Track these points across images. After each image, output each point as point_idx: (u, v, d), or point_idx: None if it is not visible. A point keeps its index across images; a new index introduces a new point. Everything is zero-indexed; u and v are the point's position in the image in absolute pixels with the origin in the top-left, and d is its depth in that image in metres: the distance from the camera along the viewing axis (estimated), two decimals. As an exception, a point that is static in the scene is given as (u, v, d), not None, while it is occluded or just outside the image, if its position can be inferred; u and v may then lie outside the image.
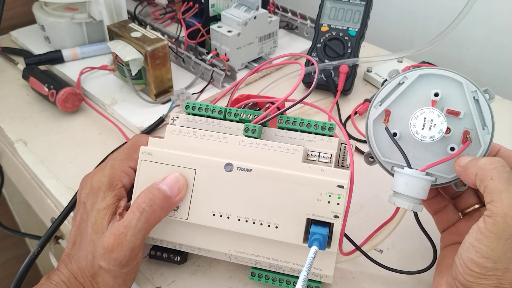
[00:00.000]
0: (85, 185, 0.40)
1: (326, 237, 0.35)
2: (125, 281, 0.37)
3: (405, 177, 0.36)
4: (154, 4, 0.83)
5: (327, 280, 0.38)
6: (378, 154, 0.38)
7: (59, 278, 0.37)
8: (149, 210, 0.36)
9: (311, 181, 0.36)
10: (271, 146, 0.38)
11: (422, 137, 0.36)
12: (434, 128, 0.35)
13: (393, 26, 0.85)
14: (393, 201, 0.37)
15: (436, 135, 0.35)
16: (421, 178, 0.36)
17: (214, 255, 0.39)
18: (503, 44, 0.72)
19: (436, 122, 0.35)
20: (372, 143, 0.38)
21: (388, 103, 0.37)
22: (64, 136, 0.58)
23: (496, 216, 0.30)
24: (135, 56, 0.57)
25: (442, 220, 0.40)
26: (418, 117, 0.36)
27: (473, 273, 0.31)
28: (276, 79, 0.60)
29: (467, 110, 0.36)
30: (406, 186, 0.36)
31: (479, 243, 0.31)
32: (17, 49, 0.74)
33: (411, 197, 0.36)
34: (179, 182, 0.37)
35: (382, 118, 0.37)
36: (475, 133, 0.36)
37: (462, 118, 0.36)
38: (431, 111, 0.35)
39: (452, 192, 0.40)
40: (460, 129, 0.36)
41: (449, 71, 0.36)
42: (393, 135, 0.37)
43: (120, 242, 0.35)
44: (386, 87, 0.38)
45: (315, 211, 0.36)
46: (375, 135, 0.38)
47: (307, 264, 0.32)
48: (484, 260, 0.31)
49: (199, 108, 0.41)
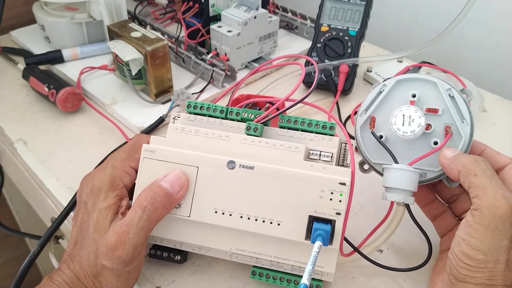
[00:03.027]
0: (86, 185, 0.40)
1: (329, 233, 0.35)
2: (128, 280, 0.37)
3: (393, 171, 0.38)
4: (154, 4, 0.83)
5: (328, 278, 0.38)
6: (368, 158, 0.41)
7: (61, 278, 0.37)
8: (150, 207, 0.36)
9: (313, 178, 0.36)
10: (273, 144, 0.38)
11: (403, 133, 0.38)
12: (413, 123, 0.38)
13: (393, 26, 0.85)
14: (385, 196, 0.39)
15: (416, 129, 0.38)
16: (407, 170, 0.38)
17: (214, 253, 0.39)
18: (503, 44, 0.73)
19: (414, 117, 0.38)
20: (362, 148, 0.41)
21: (371, 109, 0.40)
22: (64, 136, 0.58)
23: (482, 208, 0.32)
24: (135, 56, 0.57)
25: (441, 225, 0.41)
26: (397, 115, 0.39)
27: (466, 266, 0.32)
28: (276, 79, 0.60)
29: (444, 107, 0.38)
30: (395, 180, 0.38)
31: (468, 236, 0.32)
32: (17, 49, 0.74)
33: (401, 189, 0.38)
34: (180, 179, 0.37)
35: (368, 124, 0.40)
36: (455, 127, 0.38)
37: (441, 114, 0.38)
38: (408, 108, 0.39)
39: (448, 196, 0.41)
40: (441, 125, 0.38)
41: (422, 74, 0.40)
42: (379, 137, 0.40)
43: (123, 240, 0.35)
44: (369, 96, 0.41)
45: (317, 208, 0.36)
46: (363, 141, 0.41)
47: (312, 258, 0.32)
48: (474, 252, 0.32)
49: (201, 108, 0.41)
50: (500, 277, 0.32)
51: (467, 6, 0.54)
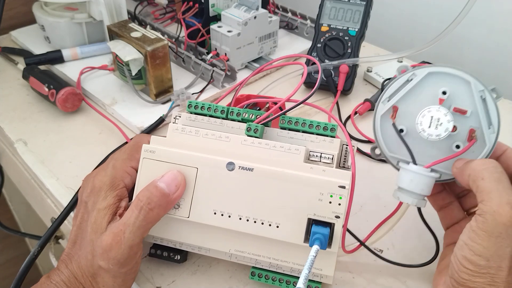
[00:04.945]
0: (87, 185, 0.40)
1: (327, 237, 0.35)
2: (125, 281, 0.37)
3: (410, 173, 0.36)
4: (154, 4, 0.83)
5: (327, 281, 0.38)
6: (384, 149, 0.39)
7: (59, 278, 0.37)
8: (147, 207, 0.36)
9: (312, 181, 0.36)
10: (273, 146, 0.38)
11: (428, 135, 0.36)
12: (440, 126, 0.36)
13: (393, 26, 0.85)
14: (398, 196, 0.37)
15: (442, 133, 0.36)
16: (426, 175, 0.36)
17: (214, 254, 0.39)
18: (503, 44, 0.73)
19: (443, 121, 0.36)
20: (379, 138, 0.39)
21: (396, 99, 0.38)
22: (64, 136, 0.58)
23: (486, 214, 0.31)
24: (135, 56, 0.57)
25: (446, 216, 0.41)
26: (425, 116, 0.36)
27: (467, 271, 0.32)
28: (276, 79, 0.60)
29: (473, 109, 0.36)
30: (410, 183, 0.36)
31: (472, 241, 0.32)
32: (17, 49, 0.74)
33: (415, 193, 0.36)
34: (176, 179, 0.37)
35: (390, 114, 0.38)
36: (480, 132, 0.36)
37: (468, 116, 0.36)
38: (438, 109, 0.36)
39: (458, 190, 0.41)
40: (466, 127, 0.36)
41: (457, 70, 0.36)
42: (399, 131, 0.37)
43: (118, 240, 0.35)
44: (395, 84, 0.38)
45: (316, 211, 0.36)
46: (382, 131, 0.39)
47: (308, 263, 0.32)
48: (477, 258, 0.31)
49: (202, 107, 0.41)
50: (502, 283, 0.31)
51: (467, 6, 0.54)
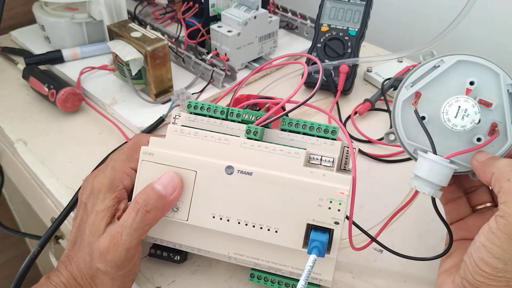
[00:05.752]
0: (87, 186, 0.40)
1: (325, 244, 0.34)
2: (124, 283, 0.37)
3: (430, 162, 0.35)
4: (154, 4, 0.83)
5: (326, 284, 0.38)
6: (402, 136, 0.38)
7: (59, 279, 0.37)
8: (143, 209, 0.36)
9: (312, 186, 0.35)
10: (273, 149, 0.37)
11: (453, 125, 0.35)
12: (467, 118, 0.34)
13: (393, 26, 0.85)
14: (414, 185, 0.36)
15: (468, 125, 0.34)
16: (446, 166, 0.35)
17: (213, 255, 0.39)
18: (503, 44, 0.72)
19: (470, 112, 0.34)
20: (398, 124, 0.38)
21: (420, 85, 0.36)
22: (64, 136, 0.58)
23: (509, 216, 0.30)
24: (135, 56, 0.57)
25: (452, 211, 0.40)
26: (453, 105, 0.35)
27: (483, 273, 0.31)
28: (276, 79, 0.60)
29: (499, 102, 0.35)
30: (430, 172, 0.35)
31: (490, 243, 0.31)
32: (17, 49, 0.74)
33: (433, 183, 0.35)
34: (173, 180, 0.37)
35: (412, 100, 0.37)
36: (503, 127, 0.35)
37: (493, 109, 0.35)
38: (467, 100, 0.35)
39: (467, 186, 0.40)
40: (488, 121, 0.35)
41: (487, 61, 0.35)
42: (422, 118, 0.36)
43: (115, 242, 0.35)
44: (421, 69, 0.37)
45: (315, 216, 0.35)
46: (402, 116, 0.38)
47: (305, 273, 0.32)
48: (495, 261, 0.31)
49: (201, 108, 0.40)
50: None
51: (467, 6, 0.54)
